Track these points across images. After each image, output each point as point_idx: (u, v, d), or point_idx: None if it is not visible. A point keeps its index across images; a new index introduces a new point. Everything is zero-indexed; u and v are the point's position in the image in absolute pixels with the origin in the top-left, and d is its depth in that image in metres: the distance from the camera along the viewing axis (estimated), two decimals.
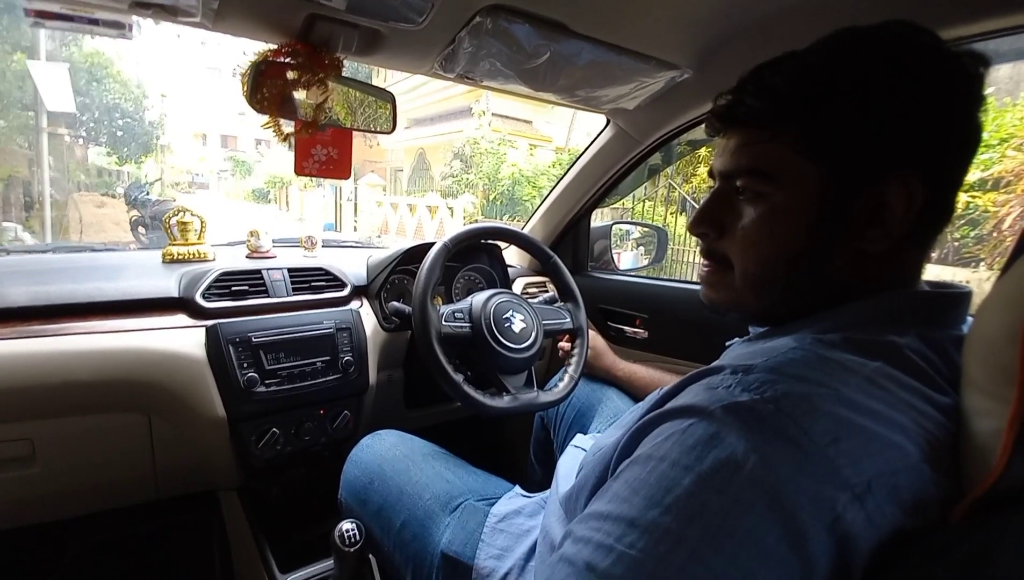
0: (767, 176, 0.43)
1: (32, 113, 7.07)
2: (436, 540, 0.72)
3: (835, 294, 0.43)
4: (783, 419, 0.32)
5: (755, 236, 0.44)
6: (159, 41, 15.74)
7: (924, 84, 0.39)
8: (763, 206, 0.43)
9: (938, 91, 0.39)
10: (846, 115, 0.40)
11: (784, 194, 0.42)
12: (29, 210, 6.90)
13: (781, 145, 0.42)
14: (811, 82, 0.41)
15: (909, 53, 0.39)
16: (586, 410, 1.01)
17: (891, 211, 0.39)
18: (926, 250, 0.44)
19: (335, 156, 0.93)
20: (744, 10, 0.76)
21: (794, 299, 0.45)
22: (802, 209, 0.42)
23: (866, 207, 0.40)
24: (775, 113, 0.42)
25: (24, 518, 0.96)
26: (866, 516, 0.31)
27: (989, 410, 0.36)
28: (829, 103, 0.40)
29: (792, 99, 0.42)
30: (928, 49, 0.40)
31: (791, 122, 0.41)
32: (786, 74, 0.42)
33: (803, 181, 0.41)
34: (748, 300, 0.47)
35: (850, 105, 0.39)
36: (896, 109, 0.39)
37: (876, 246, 0.41)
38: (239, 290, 1.02)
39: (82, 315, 0.89)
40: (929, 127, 0.39)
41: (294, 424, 1.02)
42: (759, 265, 0.45)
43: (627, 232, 1.55)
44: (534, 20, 0.76)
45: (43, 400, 0.83)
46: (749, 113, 0.44)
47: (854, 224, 0.41)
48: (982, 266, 2.71)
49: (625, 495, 0.35)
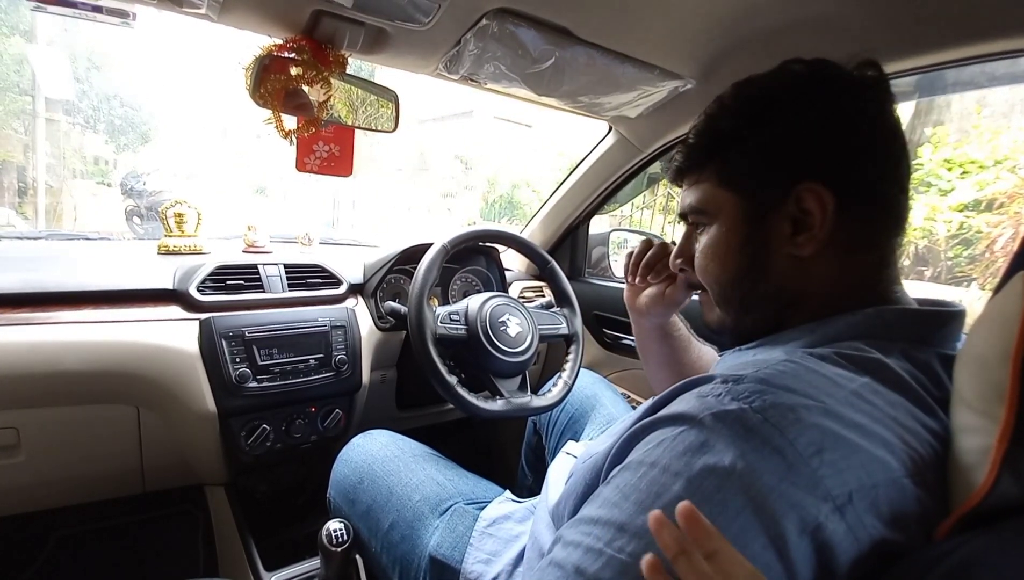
0: (703, 211, 0.51)
1: (29, 98, 7.00)
2: (424, 542, 0.72)
3: (791, 302, 0.47)
4: (770, 429, 0.33)
5: (704, 261, 0.52)
6: (161, 30, 15.65)
7: (804, 106, 0.45)
8: (706, 236, 0.51)
9: (821, 108, 0.44)
10: (738, 149, 0.47)
11: (716, 222, 0.50)
12: (23, 196, 6.82)
13: (707, 182, 0.50)
14: (709, 130, 0.50)
15: (788, 83, 0.46)
16: (579, 416, 1.01)
17: (811, 216, 0.44)
18: (880, 252, 0.46)
19: (337, 153, 0.93)
20: (749, 23, 0.77)
21: (756, 311, 0.50)
22: (732, 231, 0.49)
23: (788, 218, 0.45)
24: (693, 162, 0.52)
25: (7, 507, 0.95)
26: (846, 527, 0.32)
27: (978, 428, 0.36)
28: (725, 142, 0.48)
29: (701, 148, 0.51)
30: (811, 76, 0.46)
31: (708, 162, 0.50)
32: (696, 130, 0.51)
33: (726, 208, 0.49)
34: (724, 317, 0.53)
35: (737, 141, 0.47)
36: (777, 134, 0.45)
37: (806, 249, 0.45)
38: (234, 284, 1.01)
39: (73, 304, 0.88)
40: (819, 140, 0.44)
41: (285, 421, 1.01)
42: (713, 284, 0.52)
43: (625, 239, 1.55)
44: (540, 25, 0.77)
45: (30, 389, 0.82)
46: (683, 165, 0.53)
47: (782, 234, 0.45)
48: (974, 286, 2.73)
49: (615, 500, 0.35)
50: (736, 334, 0.53)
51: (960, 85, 0.92)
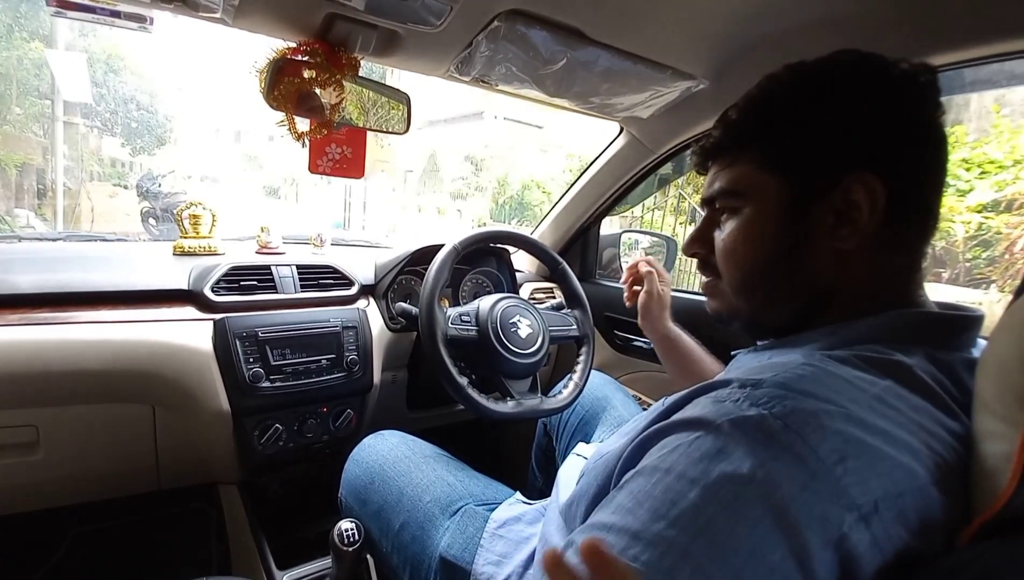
0: (736, 193, 0.48)
1: (49, 102, 7.15)
2: (435, 543, 0.72)
3: (823, 297, 0.45)
4: (791, 436, 0.32)
5: (732, 244, 0.49)
6: (177, 34, 15.95)
7: (865, 95, 0.43)
8: (736, 219, 0.49)
9: (882, 99, 0.43)
10: (791, 129, 0.45)
11: (752, 206, 0.47)
12: (42, 198, 6.96)
13: (744, 164, 0.48)
14: (757, 108, 0.48)
15: (849, 69, 0.44)
16: (589, 418, 1.00)
17: (858, 209, 0.42)
18: (912, 256, 0.45)
19: (349, 155, 0.93)
20: (762, 23, 0.76)
21: (782, 303, 0.48)
22: (768, 216, 0.46)
23: (832, 208, 0.43)
24: (734, 140, 0.49)
25: (25, 504, 0.96)
26: (872, 537, 0.31)
27: (1001, 433, 0.35)
28: (778, 118, 0.46)
29: (744, 125, 0.48)
30: (868, 65, 0.44)
31: (749, 143, 0.48)
32: (738, 108, 0.49)
33: (765, 191, 0.46)
34: (740, 306, 0.51)
35: (791, 121, 0.45)
36: (838, 118, 0.43)
37: (848, 243, 0.43)
38: (248, 285, 1.02)
39: (91, 304, 0.89)
40: (878, 131, 0.42)
41: (297, 421, 1.02)
42: (739, 270, 0.49)
43: (636, 241, 1.54)
44: (551, 26, 0.76)
45: (50, 387, 0.84)
46: (716, 146, 0.51)
47: (823, 225, 0.44)
48: (993, 288, 2.68)
49: (629, 506, 0.34)
50: (751, 325, 0.51)
51: (978, 84, 0.90)
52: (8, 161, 6.45)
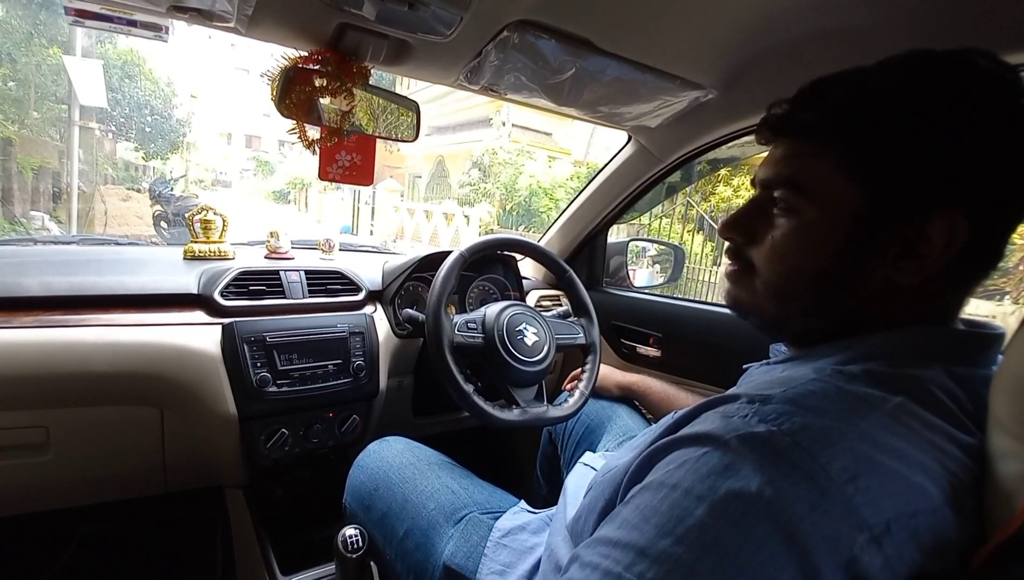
0: (803, 190, 0.42)
1: (65, 106, 7.29)
2: (439, 551, 0.72)
3: (857, 323, 0.42)
4: (800, 453, 0.31)
5: (783, 249, 0.44)
6: (191, 42, 16.23)
7: (992, 121, 0.37)
8: (795, 220, 0.43)
9: (1006, 131, 0.37)
10: (898, 139, 0.38)
11: (817, 210, 0.42)
12: (57, 201, 7.09)
13: (823, 161, 0.41)
14: (869, 100, 0.40)
15: (983, 86, 0.37)
16: (595, 427, 1.00)
17: (930, 245, 0.38)
18: (966, 293, 0.42)
19: (359, 162, 0.94)
20: (772, 33, 0.76)
21: (814, 318, 0.44)
22: (833, 229, 0.41)
23: (903, 237, 0.39)
24: (824, 127, 0.42)
25: (35, 504, 0.97)
26: (884, 559, 0.30)
27: (1015, 453, 0.35)
28: (882, 124, 0.39)
29: (845, 114, 0.41)
30: (1004, 85, 0.37)
31: (838, 139, 0.41)
32: (846, 88, 0.41)
33: (839, 200, 0.41)
34: (767, 308, 0.47)
35: (905, 130, 0.38)
36: (955, 143, 0.37)
37: (908, 279, 0.39)
38: (256, 290, 1.03)
39: (103, 307, 0.90)
40: (988, 167, 0.37)
41: (303, 426, 1.02)
42: (782, 277, 0.44)
43: (643, 249, 1.54)
44: (561, 36, 0.77)
45: (61, 388, 0.85)
46: (799, 125, 0.44)
47: (887, 253, 0.39)
48: (1007, 300, 2.65)
49: (635, 522, 0.34)
50: (770, 327, 0.48)
51: None
52: (25, 164, 6.58)
